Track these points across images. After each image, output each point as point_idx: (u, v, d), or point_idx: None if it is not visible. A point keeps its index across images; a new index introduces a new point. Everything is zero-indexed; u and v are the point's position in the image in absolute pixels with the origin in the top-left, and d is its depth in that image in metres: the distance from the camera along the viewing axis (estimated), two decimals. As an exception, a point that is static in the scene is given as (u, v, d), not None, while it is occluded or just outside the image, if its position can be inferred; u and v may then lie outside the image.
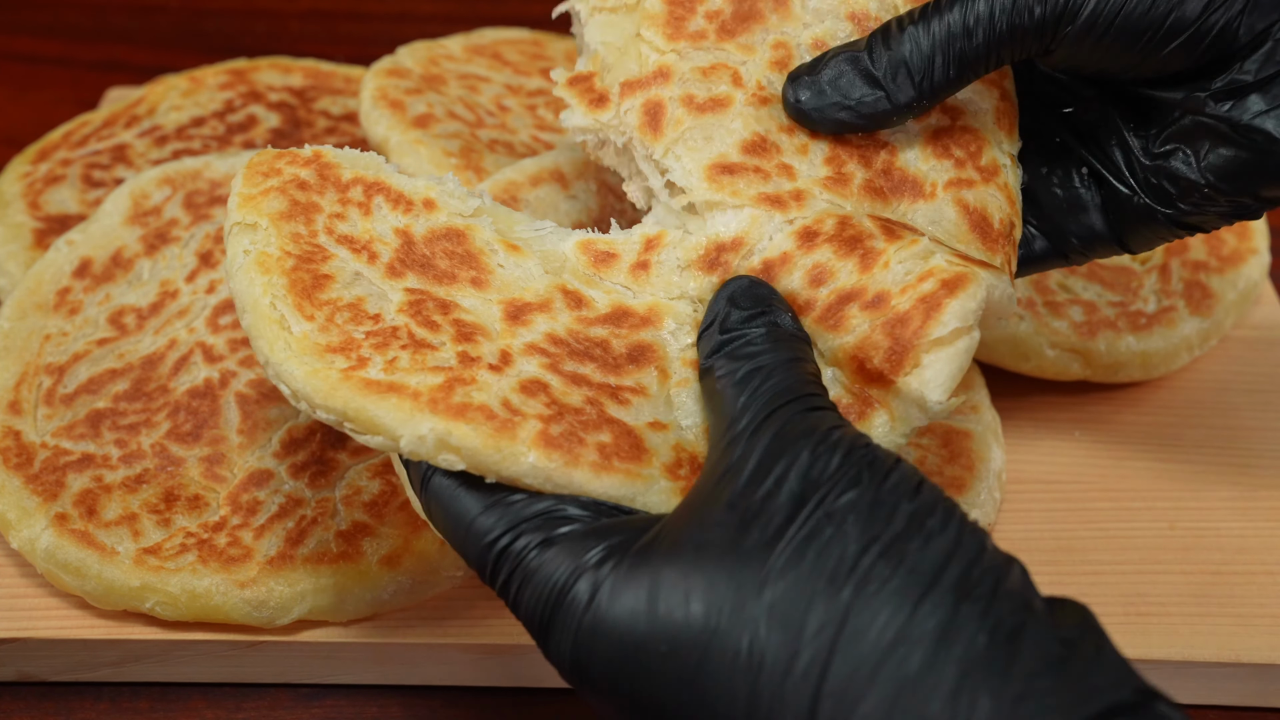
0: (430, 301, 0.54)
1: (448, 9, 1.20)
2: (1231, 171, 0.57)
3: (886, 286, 0.54)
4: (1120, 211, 0.60)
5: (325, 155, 0.58)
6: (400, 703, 0.66)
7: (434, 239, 0.57)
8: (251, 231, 0.55)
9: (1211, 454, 0.76)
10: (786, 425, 0.48)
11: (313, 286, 0.53)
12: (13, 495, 0.66)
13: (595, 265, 0.57)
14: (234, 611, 0.63)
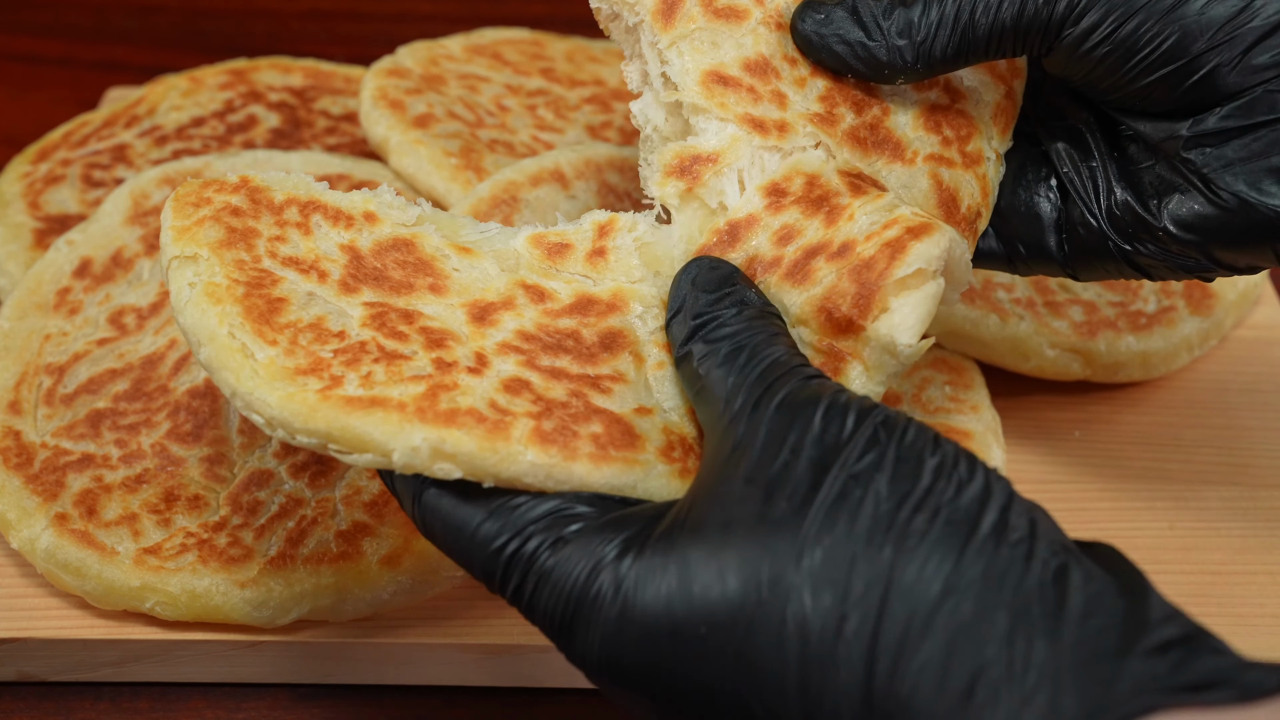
0: (392, 312, 0.53)
1: (448, 9, 1.20)
2: (1191, 223, 0.56)
3: (852, 236, 0.55)
4: (1075, 235, 0.60)
5: (253, 180, 0.57)
6: (400, 703, 0.66)
7: (382, 250, 0.56)
8: (192, 264, 0.53)
9: (1211, 454, 0.76)
10: (788, 395, 0.48)
11: (269, 311, 0.52)
12: (13, 495, 0.66)
13: (550, 258, 0.57)
14: (234, 611, 0.63)
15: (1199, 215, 0.56)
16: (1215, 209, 0.55)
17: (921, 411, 0.72)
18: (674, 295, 0.55)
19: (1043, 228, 0.61)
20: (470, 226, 0.58)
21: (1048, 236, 0.61)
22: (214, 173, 0.80)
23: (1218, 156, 0.55)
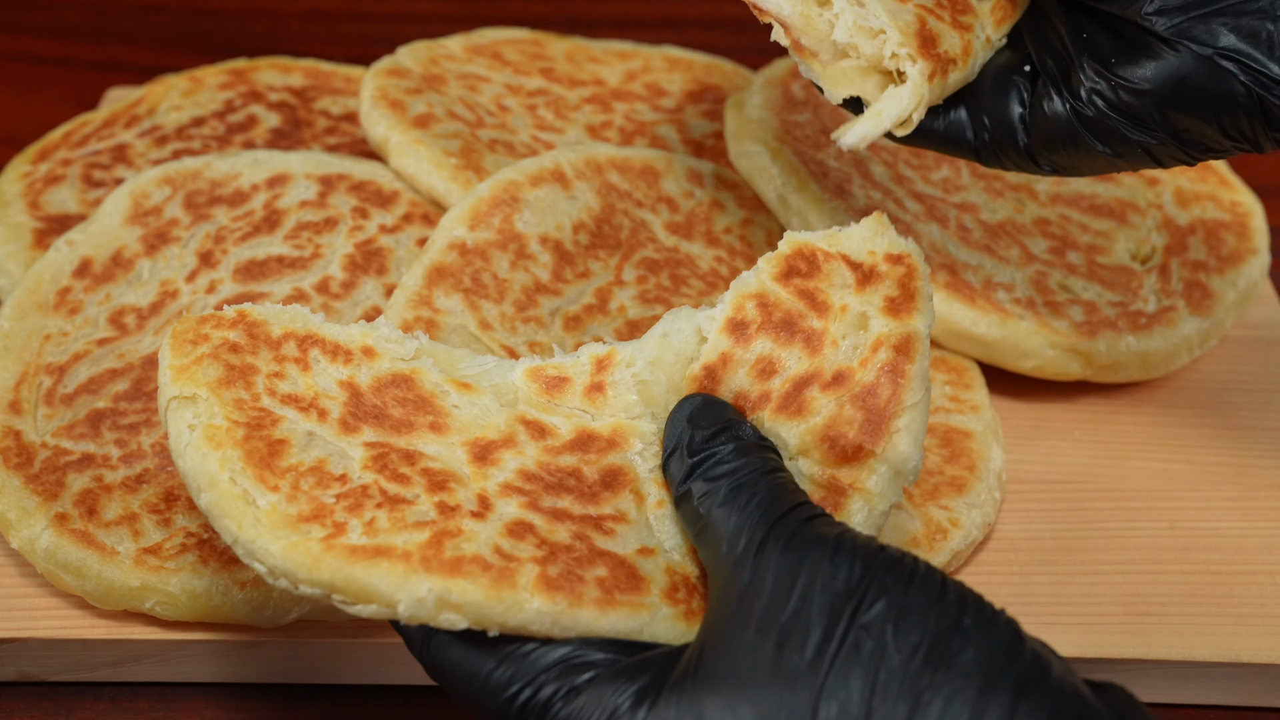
0: (393, 453, 0.53)
1: (448, 9, 1.20)
2: (1149, 79, 0.58)
3: (841, 364, 0.56)
4: (1040, 113, 0.62)
5: (250, 314, 0.56)
6: (400, 703, 0.66)
7: (381, 387, 0.55)
8: (191, 405, 0.53)
9: (1211, 454, 0.76)
10: (793, 538, 0.48)
11: (270, 454, 0.51)
12: (13, 495, 0.66)
13: (548, 392, 0.57)
14: (234, 611, 0.63)
15: (1156, 70, 0.58)
16: (1170, 61, 0.58)
17: None
18: (669, 432, 0.55)
19: (1009, 108, 0.63)
20: (468, 360, 0.58)
21: (1013, 117, 0.63)
22: (214, 173, 0.80)
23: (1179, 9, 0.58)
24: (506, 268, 0.73)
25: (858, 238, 0.58)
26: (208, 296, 0.74)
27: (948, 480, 0.69)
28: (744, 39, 1.12)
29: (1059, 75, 0.62)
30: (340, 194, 0.80)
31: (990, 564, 0.69)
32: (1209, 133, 0.59)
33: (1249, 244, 0.83)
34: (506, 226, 0.74)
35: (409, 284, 0.72)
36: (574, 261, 0.75)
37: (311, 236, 0.77)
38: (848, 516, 0.54)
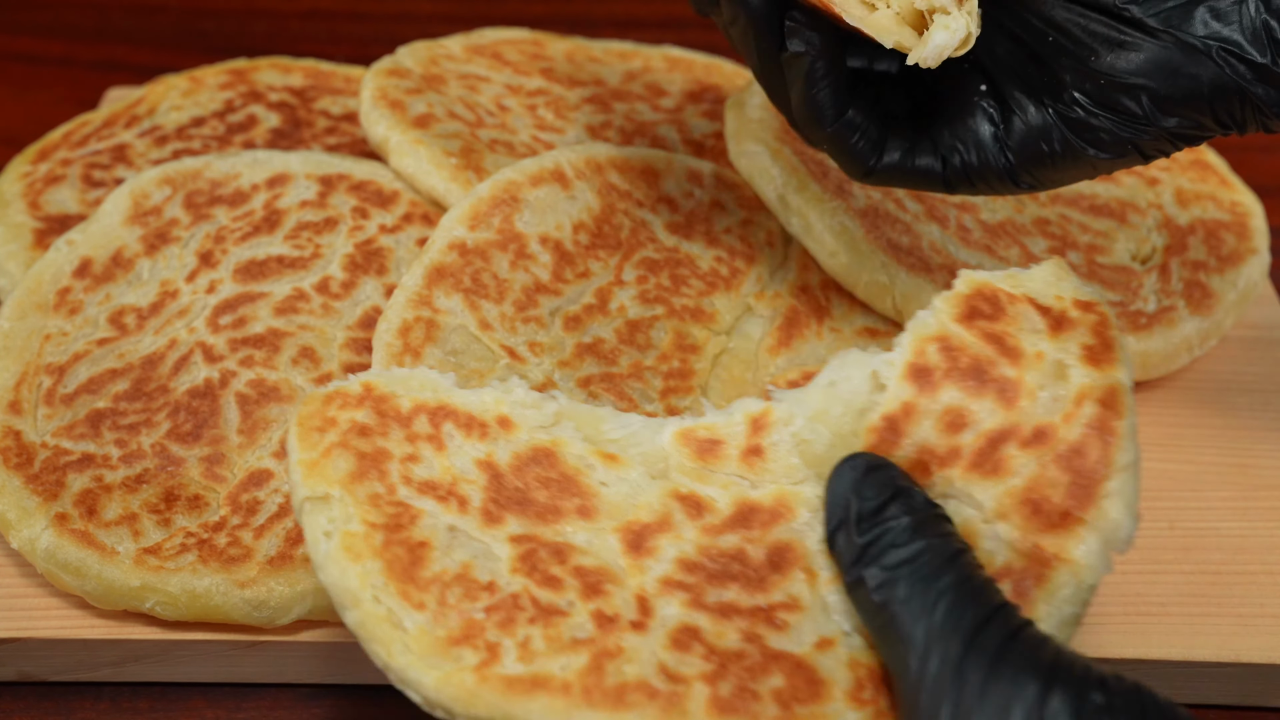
0: (541, 549, 0.49)
1: (448, 9, 1.20)
2: (1132, 70, 0.57)
3: (1041, 419, 0.51)
4: (1014, 127, 0.60)
5: (377, 387, 0.52)
6: (400, 702, 0.66)
7: (523, 466, 0.51)
8: (325, 506, 0.49)
9: (1211, 454, 0.76)
10: (997, 663, 0.44)
11: (411, 564, 0.48)
12: (13, 495, 0.66)
13: (700, 457, 0.52)
14: (234, 611, 0.63)
15: (1144, 62, 0.57)
16: (1156, 51, 0.57)
17: None
18: (831, 501, 0.50)
19: (980, 130, 0.61)
20: (611, 420, 0.54)
21: (986, 138, 0.61)
22: (214, 173, 0.80)
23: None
24: (506, 268, 0.73)
25: (1041, 280, 0.54)
26: (208, 296, 0.74)
27: (948, 480, 0.69)
28: (744, 39, 1.12)
29: (1034, 83, 0.60)
30: (340, 194, 0.80)
31: (990, 564, 0.69)
32: (1203, 121, 0.58)
33: (1249, 244, 0.83)
34: (506, 226, 0.74)
35: (409, 284, 0.72)
36: (574, 261, 0.75)
37: (311, 236, 0.77)
38: (1053, 592, 0.49)
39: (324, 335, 0.73)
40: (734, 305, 0.75)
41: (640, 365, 0.72)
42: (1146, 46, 0.57)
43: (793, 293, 0.77)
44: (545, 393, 0.54)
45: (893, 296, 0.75)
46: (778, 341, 0.74)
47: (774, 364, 0.73)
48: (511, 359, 0.70)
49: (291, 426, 0.52)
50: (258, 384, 0.71)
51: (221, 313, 0.73)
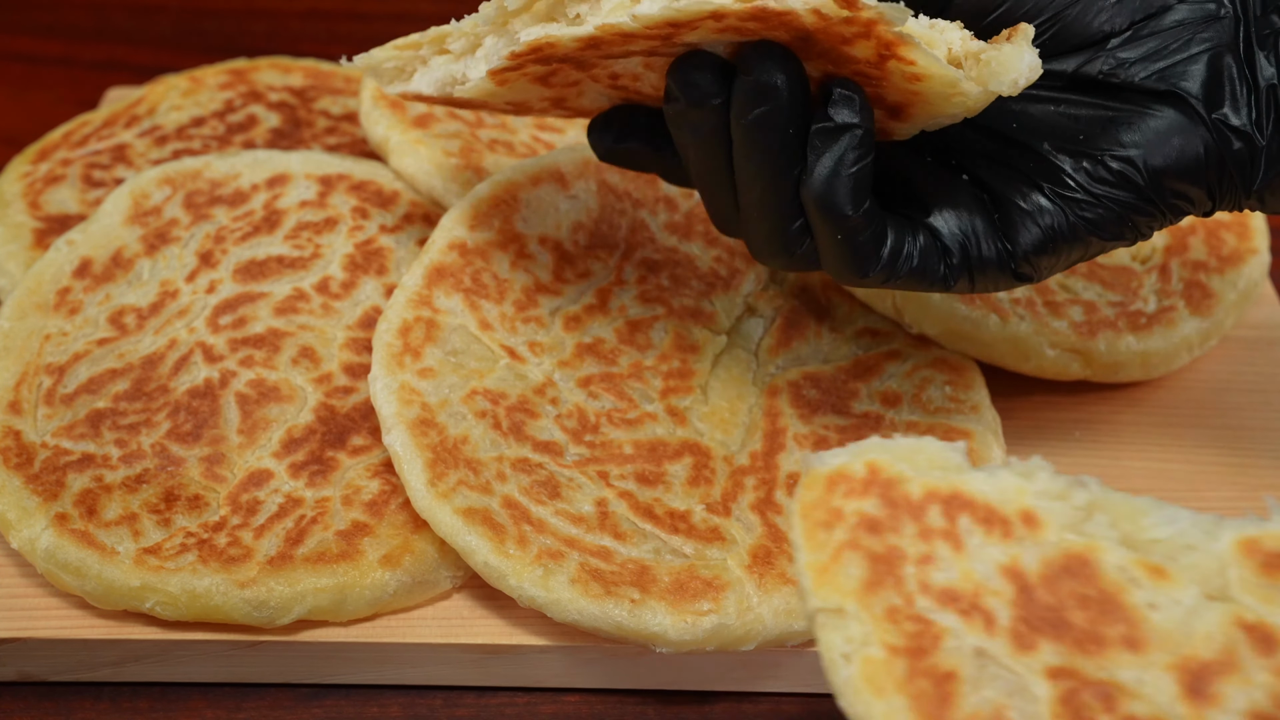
0: (1085, 690, 0.42)
1: (447, 9, 1.19)
2: (1133, 142, 0.56)
3: None
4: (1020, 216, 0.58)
5: (883, 469, 0.47)
6: (400, 703, 0.66)
7: (1053, 577, 0.45)
8: (840, 622, 0.44)
9: (1211, 454, 0.76)
10: None
11: (940, 702, 0.42)
12: (13, 495, 0.66)
13: (1268, 572, 0.44)
14: (234, 611, 0.63)
15: (1138, 133, 0.56)
16: (1148, 119, 0.56)
17: (922, 411, 0.72)
18: None
19: (976, 222, 0.59)
20: (1153, 512, 0.46)
21: (980, 230, 0.59)
22: (214, 173, 0.80)
23: (1136, 69, 0.56)
24: (506, 268, 0.73)
25: None
26: (208, 296, 0.74)
27: (948, 480, 0.69)
28: (744, 39, 1.12)
29: (1024, 169, 0.58)
30: (340, 194, 0.80)
31: (990, 564, 0.69)
32: (1194, 193, 0.57)
33: (1249, 244, 0.83)
34: (506, 226, 0.74)
35: (409, 284, 0.72)
36: (574, 261, 0.75)
37: (311, 236, 0.77)
38: None
39: (324, 335, 0.73)
40: (734, 305, 0.75)
41: (640, 365, 0.72)
42: (1140, 116, 0.57)
43: (793, 293, 0.77)
44: (1072, 478, 0.47)
45: (893, 297, 0.75)
46: (778, 341, 0.74)
47: (774, 364, 0.73)
48: (511, 359, 0.70)
49: (795, 520, 0.47)
50: (258, 384, 0.71)
51: (221, 313, 0.73)
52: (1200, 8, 0.57)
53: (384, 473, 0.68)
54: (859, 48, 0.52)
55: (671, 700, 0.66)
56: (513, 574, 0.62)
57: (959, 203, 0.59)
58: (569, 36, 0.53)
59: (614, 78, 0.59)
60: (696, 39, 0.53)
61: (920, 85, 0.54)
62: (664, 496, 0.66)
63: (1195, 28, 0.56)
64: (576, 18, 0.54)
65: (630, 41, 0.53)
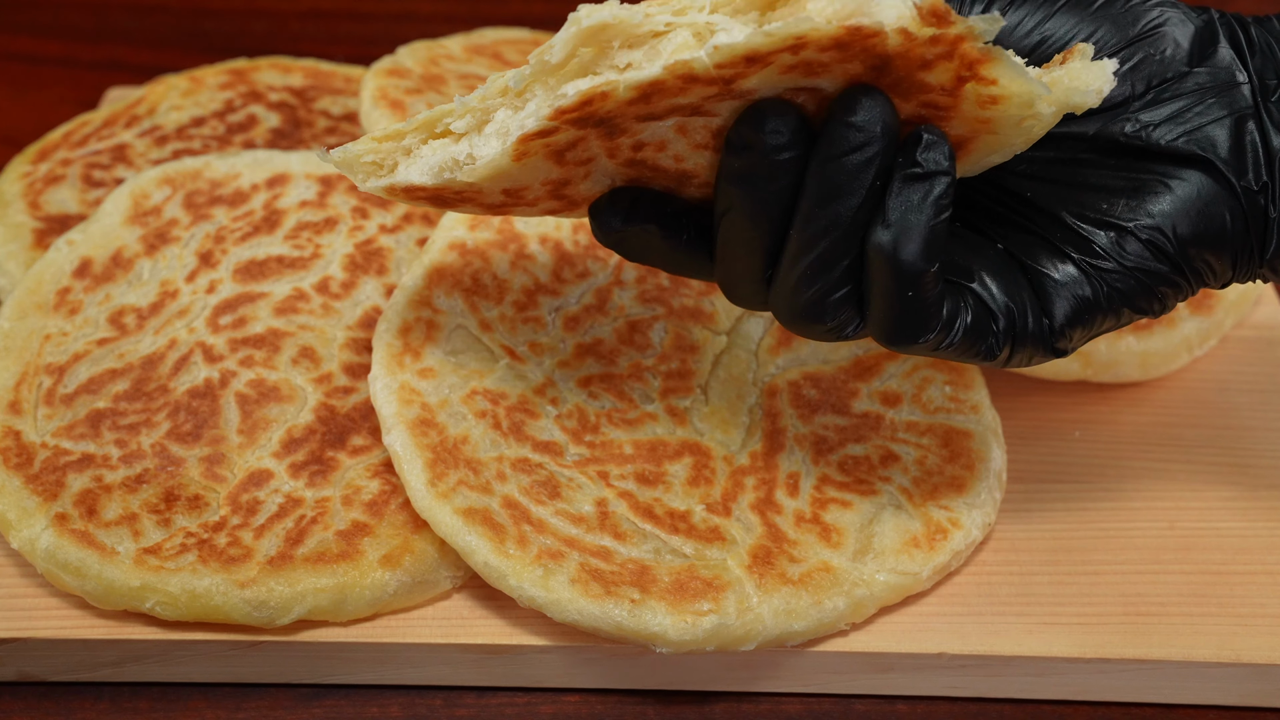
0: None
1: (448, 9, 1.20)
2: (1161, 211, 0.55)
3: None
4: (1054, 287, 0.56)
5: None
6: (400, 703, 0.66)
7: None
8: None
9: (1211, 454, 0.76)
10: None
11: None
12: (13, 495, 0.66)
13: None
14: (234, 611, 0.63)
15: (1166, 203, 0.55)
16: (1174, 186, 0.55)
17: (922, 411, 0.72)
18: None
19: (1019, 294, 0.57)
20: None
21: (1024, 303, 0.57)
22: (214, 173, 0.80)
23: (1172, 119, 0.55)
24: (506, 268, 0.73)
25: None
26: (208, 296, 0.74)
27: (948, 480, 0.69)
28: (744, 39, 1.12)
29: (1055, 238, 0.57)
30: (340, 194, 0.80)
31: (990, 564, 0.69)
32: (1218, 264, 0.56)
33: (1249, 244, 0.83)
34: (506, 226, 0.74)
35: (409, 284, 0.72)
36: (573, 261, 0.75)
37: (311, 236, 0.77)
38: None
39: (324, 335, 0.73)
40: (734, 306, 0.75)
41: (640, 365, 0.72)
42: (1167, 183, 0.55)
43: (793, 293, 0.77)
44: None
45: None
46: (778, 341, 0.74)
47: (774, 364, 0.73)
48: (511, 359, 0.70)
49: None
50: (258, 384, 0.71)
51: (221, 313, 0.73)
52: (1219, 73, 0.56)
53: (384, 473, 0.68)
54: (938, 72, 0.50)
55: (671, 700, 0.66)
56: (513, 574, 0.62)
57: (1002, 270, 0.56)
58: (628, 84, 0.50)
59: (636, 148, 0.56)
60: (755, 84, 0.51)
61: (994, 110, 0.52)
62: (664, 496, 0.66)
63: (1216, 92, 0.56)
64: (627, 67, 0.50)
65: (689, 89, 0.50)
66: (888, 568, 0.65)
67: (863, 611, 0.64)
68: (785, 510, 0.67)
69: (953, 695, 0.67)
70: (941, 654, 0.65)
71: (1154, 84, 0.56)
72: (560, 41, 0.51)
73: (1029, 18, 0.56)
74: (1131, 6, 0.57)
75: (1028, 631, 0.66)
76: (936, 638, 0.65)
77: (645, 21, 0.50)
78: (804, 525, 0.66)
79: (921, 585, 0.66)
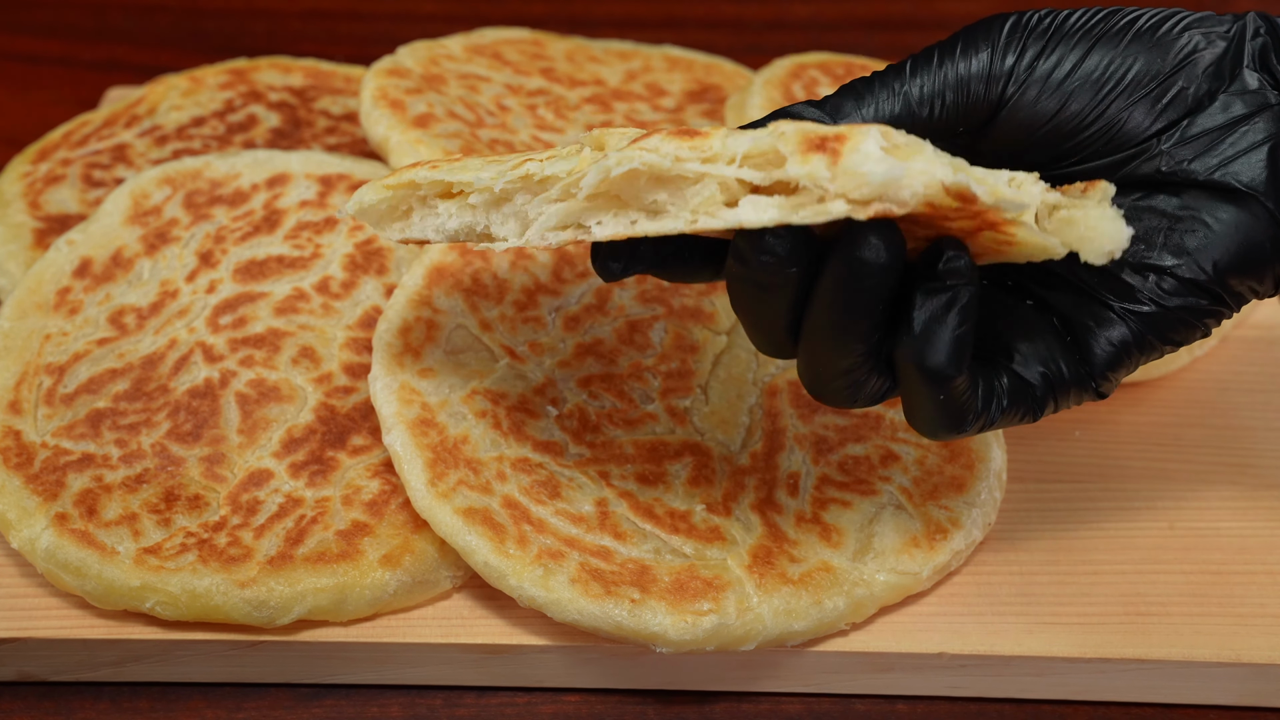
0: None
1: (448, 9, 1.20)
2: (1194, 247, 0.55)
3: None
4: (1094, 337, 0.56)
5: None
6: (400, 703, 0.66)
7: None
8: None
9: (1211, 454, 0.76)
10: None
11: None
12: (13, 495, 0.66)
13: None
14: (234, 611, 0.63)
15: (1208, 237, 0.55)
16: (1220, 219, 0.55)
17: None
18: None
19: (1051, 347, 0.57)
20: None
21: (1058, 355, 0.56)
22: (214, 173, 0.80)
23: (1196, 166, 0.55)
24: (506, 267, 0.73)
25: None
26: (208, 296, 0.74)
27: (948, 480, 0.69)
28: (744, 39, 1.12)
29: (1093, 285, 0.56)
30: (340, 194, 0.80)
31: (990, 564, 0.69)
32: (1260, 286, 0.56)
33: (1249, 244, 0.83)
34: (506, 226, 0.74)
35: (409, 284, 0.72)
36: (573, 261, 0.75)
37: (311, 236, 0.77)
38: None
39: (324, 335, 0.73)
40: (734, 305, 0.75)
41: (640, 365, 0.72)
42: (1201, 218, 0.55)
43: (793, 293, 0.77)
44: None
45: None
46: (778, 341, 0.74)
47: (774, 363, 0.73)
48: (511, 359, 0.70)
49: None
50: (258, 384, 0.71)
51: (221, 312, 0.73)
52: (1248, 98, 0.55)
53: (384, 473, 0.68)
54: (959, 223, 0.51)
55: (671, 700, 0.66)
56: (513, 574, 0.62)
57: (1033, 332, 0.57)
58: (653, 231, 0.50)
59: None
60: None
61: (1011, 248, 0.53)
62: (664, 496, 0.66)
63: (1247, 119, 0.55)
64: (654, 205, 0.51)
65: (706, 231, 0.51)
66: (888, 567, 0.65)
67: (863, 611, 0.64)
68: (785, 510, 0.67)
69: (953, 695, 0.67)
70: (941, 654, 0.65)
71: (1179, 116, 0.56)
72: (588, 185, 0.51)
73: (1067, 58, 0.56)
74: (1160, 37, 0.56)
75: (1028, 631, 0.66)
76: (936, 638, 0.65)
77: (675, 167, 0.49)
78: (804, 525, 0.66)
79: (921, 585, 0.66)
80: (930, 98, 0.56)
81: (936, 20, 1.19)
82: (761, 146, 0.48)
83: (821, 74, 0.93)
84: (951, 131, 0.57)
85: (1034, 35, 0.56)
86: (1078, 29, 0.56)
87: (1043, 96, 0.56)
